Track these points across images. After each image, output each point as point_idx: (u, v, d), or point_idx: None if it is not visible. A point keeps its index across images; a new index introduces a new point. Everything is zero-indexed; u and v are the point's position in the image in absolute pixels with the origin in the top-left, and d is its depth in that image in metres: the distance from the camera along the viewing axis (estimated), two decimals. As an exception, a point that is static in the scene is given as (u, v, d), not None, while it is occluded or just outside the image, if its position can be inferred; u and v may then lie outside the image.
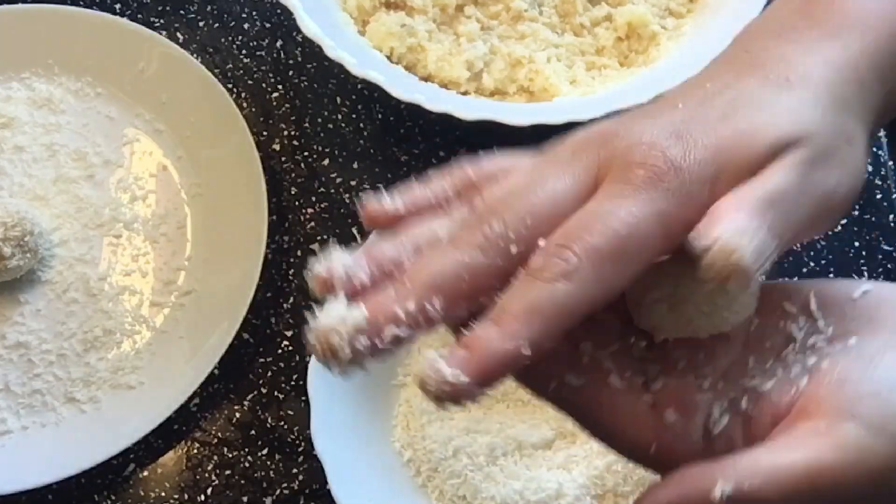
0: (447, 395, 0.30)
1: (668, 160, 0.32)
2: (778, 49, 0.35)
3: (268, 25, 0.74)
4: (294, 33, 0.72)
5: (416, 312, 0.31)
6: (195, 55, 0.70)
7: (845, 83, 0.34)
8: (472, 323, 0.31)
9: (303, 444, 0.62)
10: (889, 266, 0.67)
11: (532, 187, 0.33)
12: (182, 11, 0.74)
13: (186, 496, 0.61)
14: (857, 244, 0.67)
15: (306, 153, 0.70)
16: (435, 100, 0.60)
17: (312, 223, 0.68)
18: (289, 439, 0.62)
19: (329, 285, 0.32)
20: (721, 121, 0.33)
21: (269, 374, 0.64)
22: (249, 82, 0.72)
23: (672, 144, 0.32)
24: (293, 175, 0.69)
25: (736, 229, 0.30)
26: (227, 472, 0.61)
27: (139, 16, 0.74)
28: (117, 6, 0.74)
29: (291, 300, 0.66)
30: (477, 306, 0.32)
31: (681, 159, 0.32)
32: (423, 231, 0.34)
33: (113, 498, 0.61)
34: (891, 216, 0.68)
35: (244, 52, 0.73)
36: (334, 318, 0.30)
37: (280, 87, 0.72)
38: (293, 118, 0.71)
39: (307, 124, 0.71)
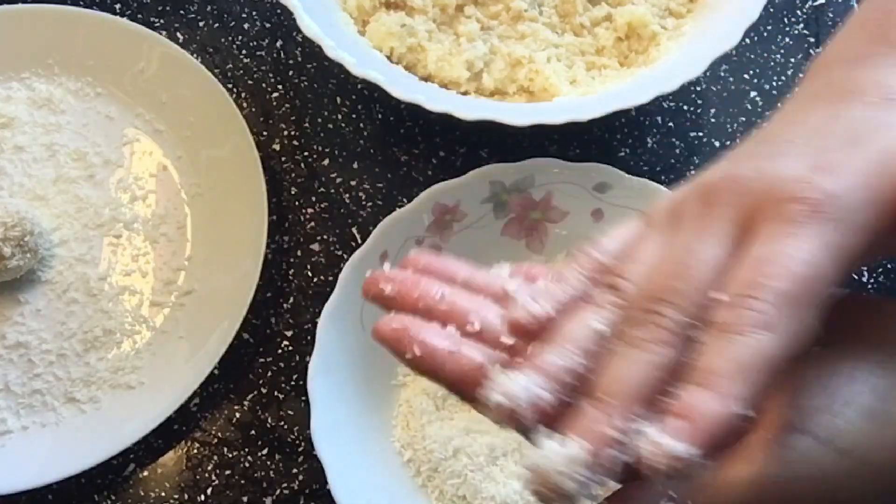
0: (676, 473, 0.27)
1: (822, 190, 0.30)
2: (864, 75, 0.34)
3: (268, 25, 0.74)
4: (294, 33, 0.72)
5: (628, 428, 0.29)
6: (195, 55, 0.70)
7: None
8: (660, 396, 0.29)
9: (303, 444, 0.62)
10: (889, 266, 0.67)
11: (684, 259, 0.31)
12: (182, 11, 0.74)
13: (186, 496, 0.61)
14: (857, 244, 0.67)
15: (306, 153, 0.70)
16: (435, 100, 0.60)
17: (312, 223, 0.68)
18: (289, 439, 0.62)
19: (515, 416, 0.31)
20: (854, 146, 0.31)
21: (269, 374, 0.64)
22: (249, 82, 0.72)
23: (818, 176, 0.30)
24: (293, 175, 0.69)
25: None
26: (227, 472, 0.61)
27: (139, 16, 0.74)
28: (117, 6, 0.74)
29: (291, 300, 0.66)
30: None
31: (834, 187, 0.30)
32: (581, 330, 0.32)
33: (113, 498, 0.61)
34: (891, 216, 0.68)
35: (244, 52, 0.73)
36: (555, 458, 0.28)
37: (280, 87, 0.72)
38: (293, 118, 0.71)
39: (307, 124, 0.71)
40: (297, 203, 0.68)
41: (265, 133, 0.70)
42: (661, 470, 0.28)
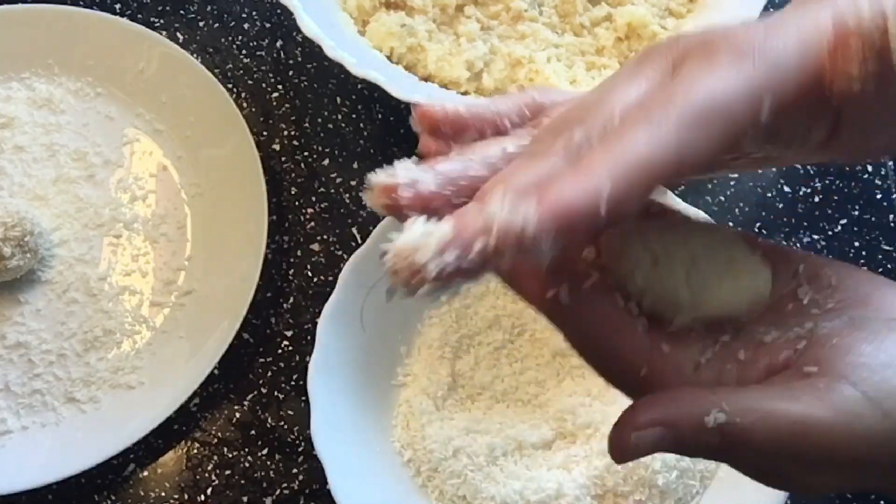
0: (508, 245, 0.26)
1: (750, 38, 0.30)
2: None
3: (268, 25, 0.74)
4: (294, 33, 0.72)
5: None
6: (195, 55, 0.70)
7: None
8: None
9: (303, 444, 0.62)
10: (889, 266, 0.67)
11: (605, 97, 0.30)
12: (182, 11, 0.74)
13: (186, 496, 0.61)
14: (857, 244, 0.67)
15: (306, 153, 0.70)
16: (435, 100, 0.60)
17: (312, 223, 0.68)
18: (289, 439, 0.62)
19: (393, 193, 0.29)
20: (799, 13, 0.31)
21: (269, 374, 0.64)
22: (249, 82, 0.72)
23: (755, 29, 0.30)
24: (293, 175, 0.69)
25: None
26: (227, 472, 0.61)
27: (139, 16, 0.74)
28: (117, 6, 0.74)
29: (291, 300, 0.66)
30: None
31: (763, 38, 0.30)
32: (489, 147, 0.31)
33: (113, 498, 0.61)
34: (891, 216, 0.68)
35: (244, 52, 0.73)
36: (416, 234, 0.26)
37: (280, 87, 0.72)
38: (293, 118, 0.71)
39: (307, 124, 0.71)
40: (297, 203, 0.68)
41: (265, 133, 0.70)
42: (493, 237, 0.26)
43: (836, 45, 0.29)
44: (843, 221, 0.67)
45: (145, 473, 0.61)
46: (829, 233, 0.67)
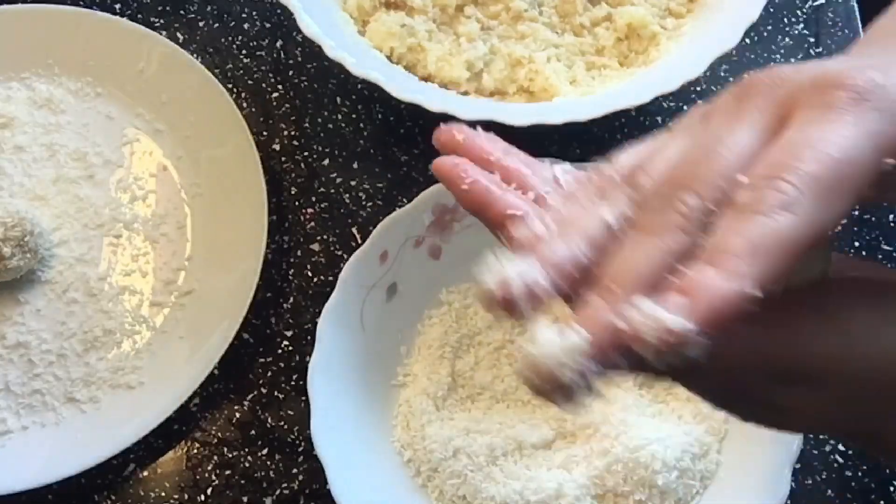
0: (669, 347, 0.25)
1: (868, 79, 0.28)
2: None
3: (268, 25, 0.74)
4: (294, 33, 0.72)
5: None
6: (195, 55, 0.70)
7: None
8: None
9: (303, 444, 0.62)
10: (889, 266, 0.67)
11: (711, 148, 0.28)
12: (182, 11, 0.74)
13: (186, 496, 0.61)
14: (857, 244, 0.67)
15: (306, 153, 0.70)
16: (435, 100, 0.60)
17: (312, 223, 0.68)
18: (289, 439, 0.62)
19: (507, 303, 0.28)
20: None
21: (269, 374, 0.64)
22: (249, 82, 0.72)
23: (865, 68, 0.28)
24: (293, 175, 0.69)
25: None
26: (227, 472, 0.61)
27: (139, 16, 0.74)
28: (117, 6, 0.74)
29: (291, 300, 0.66)
30: None
31: (883, 75, 0.28)
32: (590, 221, 0.30)
33: (113, 498, 0.61)
34: (891, 216, 0.68)
35: (244, 52, 0.73)
36: (552, 347, 0.26)
37: (280, 87, 0.72)
38: (293, 118, 0.71)
39: (307, 124, 0.71)
40: (297, 203, 0.68)
41: (265, 133, 0.70)
42: (652, 343, 0.25)
43: None
44: (843, 221, 0.67)
45: (145, 473, 0.61)
46: (829, 233, 0.67)
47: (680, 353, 0.25)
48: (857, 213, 0.68)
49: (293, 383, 0.63)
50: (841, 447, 0.60)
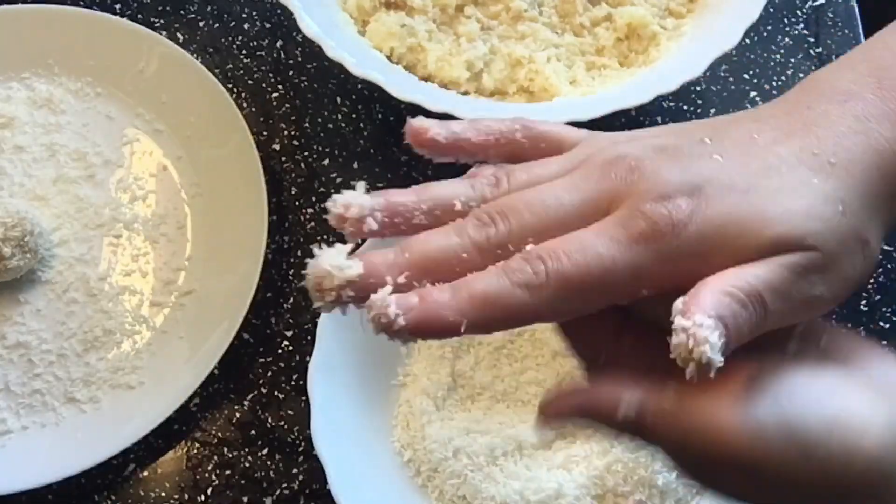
0: (380, 326, 0.32)
1: (672, 223, 0.32)
2: (837, 119, 0.35)
3: (268, 25, 0.74)
4: (294, 33, 0.72)
5: (402, 285, 0.33)
6: (195, 55, 0.70)
7: (884, 178, 0.34)
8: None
9: (303, 444, 0.62)
10: (889, 266, 0.67)
11: (546, 199, 0.34)
12: (182, 11, 0.74)
13: (186, 496, 0.61)
14: (857, 244, 0.67)
15: (306, 153, 0.70)
16: (435, 100, 0.60)
17: (312, 223, 0.68)
18: (289, 439, 0.62)
19: (342, 222, 0.35)
20: (743, 194, 0.33)
21: (269, 374, 0.64)
22: (249, 82, 0.72)
23: (684, 203, 0.33)
24: (293, 175, 0.69)
25: (708, 324, 0.30)
26: (227, 472, 0.61)
27: (139, 16, 0.74)
28: (117, 6, 0.74)
29: (291, 300, 0.66)
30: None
31: (683, 225, 0.32)
32: (444, 193, 0.36)
33: (113, 498, 0.61)
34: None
35: (244, 52, 0.73)
36: (332, 264, 0.33)
37: (280, 87, 0.72)
38: (293, 118, 0.71)
39: (307, 124, 0.71)
40: (297, 203, 0.68)
41: (265, 133, 0.70)
42: (372, 317, 0.33)
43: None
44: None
45: (145, 473, 0.61)
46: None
47: (384, 331, 0.32)
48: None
49: (293, 383, 0.63)
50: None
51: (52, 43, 0.70)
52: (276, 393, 0.63)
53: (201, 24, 0.74)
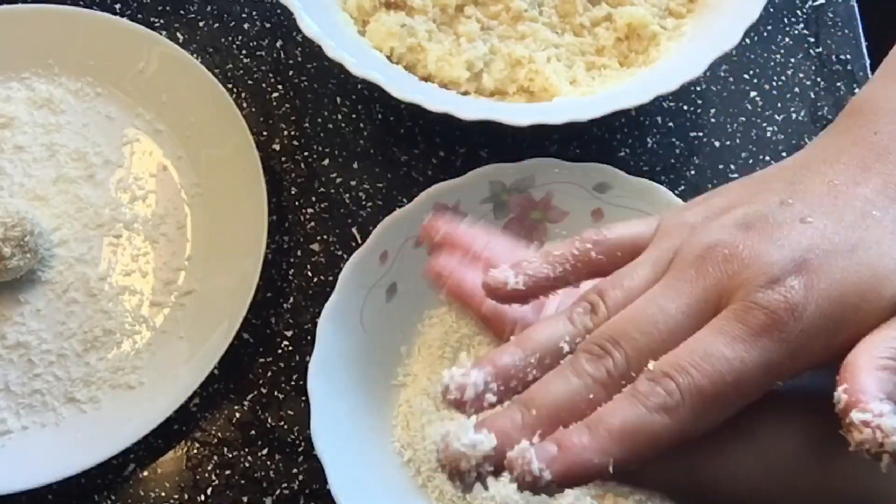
0: (525, 485, 0.31)
1: (789, 307, 0.31)
2: None
3: (268, 25, 0.74)
4: (294, 33, 0.72)
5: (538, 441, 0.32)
6: (195, 55, 0.70)
7: None
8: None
9: (303, 444, 0.62)
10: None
11: (652, 314, 0.33)
12: (182, 11, 0.74)
13: (186, 496, 0.61)
14: (857, 244, 0.67)
15: (306, 153, 0.70)
16: (435, 100, 0.60)
17: (312, 223, 0.68)
18: (289, 439, 0.62)
19: (460, 405, 0.34)
20: (849, 255, 0.32)
21: (269, 374, 0.64)
22: (249, 82, 0.72)
23: (796, 283, 0.31)
24: (293, 175, 0.69)
25: (887, 409, 0.29)
26: (227, 472, 0.61)
27: (139, 16, 0.74)
28: (117, 6, 0.74)
29: (291, 300, 0.66)
30: None
31: (802, 307, 0.31)
32: (548, 339, 0.35)
33: (113, 498, 0.61)
34: (891, 216, 0.68)
35: (244, 52, 0.73)
36: (464, 444, 0.32)
37: (280, 87, 0.72)
38: (293, 118, 0.71)
39: (307, 124, 0.71)
40: (297, 203, 0.68)
41: (265, 133, 0.70)
42: (516, 477, 0.31)
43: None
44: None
45: (145, 473, 0.61)
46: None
47: (531, 489, 0.31)
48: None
49: (293, 383, 0.63)
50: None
51: (52, 43, 0.70)
52: (276, 393, 0.63)
53: (201, 24, 0.74)
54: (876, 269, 0.32)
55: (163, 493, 0.61)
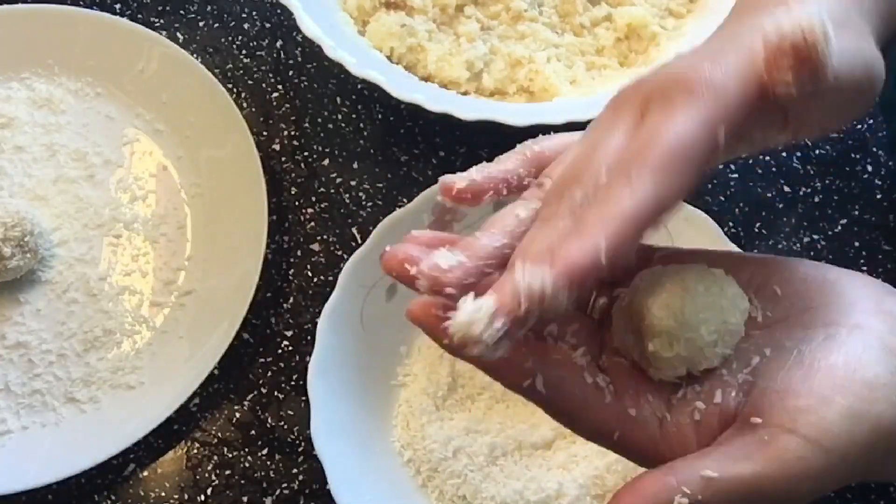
0: (542, 307, 0.31)
1: (699, 75, 0.34)
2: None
3: (268, 25, 0.74)
4: (294, 33, 0.72)
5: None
6: (195, 55, 0.70)
7: (842, 5, 0.37)
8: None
9: (303, 444, 0.62)
10: (889, 266, 0.67)
11: (593, 151, 0.35)
12: (182, 11, 0.74)
13: (186, 496, 0.61)
14: (857, 244, 0.67)
15: (306, 153, 0.70)
16: (435, 100, 0.60)
17: (312, 223, 0.68)
18: (289, 439, 0.62)
19: (439, 284, 0.34)
20: (734, 39, 0.35)
21: (269, 374, 0.64)
22: (249, 82, 0.72)
23: (700, 64, 0.34)
24: (293, 175, 0.69)
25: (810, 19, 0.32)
26: (227, 472, 0.61)
27: (139, 16, 0.74)
28: (117, 6, 0.74)
29: (291, 300, 0.66)
30: None
31: (710, 72, 0.34)
32: (507, 217, 0.36)
33: (113, 498, 0.61)
34: (891, 216, 0.68)
35: (244, 52, 0.73)
36: (468, 311, 0.32)
37: (280, 87, 0.72)
38: (293, 118, 0.71)
39: (307, 124, 0.71)
40: (297, 203, 0.68)
41: (265, 133, 0.70)
42: (527, 307, 0.31)
43: (769, 60, 0.34)
44: (843, 221, 0.67)
45: (145, 473, 0.61)
46: (829, 233, 0.67)
47: (549, 306, 0.31)
48: (857, 212, 0.68)
49: (293, 383, 0.63)
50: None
51: (52, 43, 0.70)
52: (276, 393, 0.63)
53: (201, 24, 0.74)
54: (765, 24, 0.35)
55: (163, 493, 0.61)
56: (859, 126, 0.70)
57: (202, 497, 0.61)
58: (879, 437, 0.33)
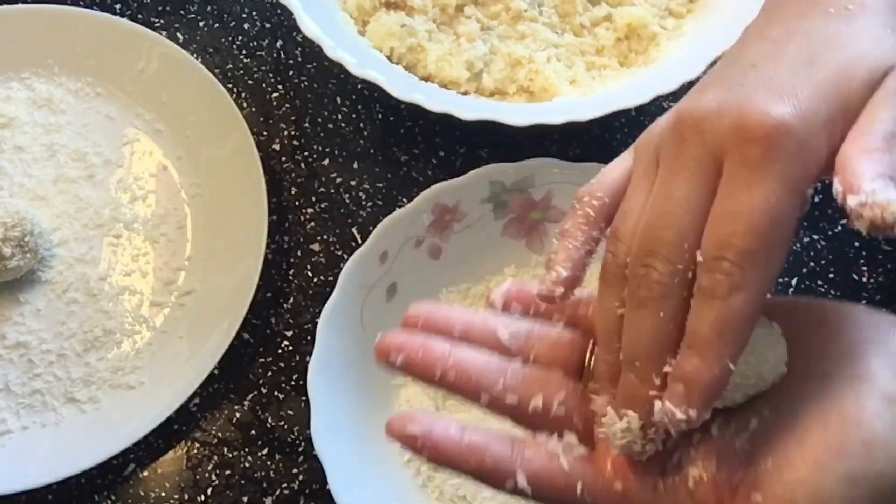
0: (684, 428, 0.33)
1: (778, 125, 0.32)
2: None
3: (268, 25, 0.74)
4: (294, 33, 0.72)
5: (661, 383, 0.33)
6: (195, 55, 0.70)
7: None
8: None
9: (303, 444, 0.62)
10: (889, 266, 0.67)
11: (664, 207, 0.33)
12: (182, 11, 0.74)
13: (186, 496, 0.61)
14: (857, 244, 0.67)
15: (306, 153, 0.70)
16: (435, 100, 0.60)
17: (312, 223, 0.68)
18: (289, 439, 0.62)
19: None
20: (809, 66, 0.33)
21: (269, 374, 0.64)
22: (249, 82, 0.72)
23: (775, 106, 0.32)
24: (293, 175, 0.69)
25: (879, 185, 0.30)
26: (227, 472, 0.61)
27: (139, 16, 0.74)
28: (117, 6, 0.74)
29: (291, 300, 0.66)
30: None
31: (790, 118, 0.32)
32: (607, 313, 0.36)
33: (113, 498, 0.61)
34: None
35: (244, 52, 0.73)
36: (619, 433, 0.34)
37: (280, 87, 0.72)
38: (293, 118, 0.71)
39: (307, 124, 0.71)
40: (297, 203, 0.68)
41: (265, 133, 0.70)
42: (674, 431, 0.33)
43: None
44: (843, 221, 0.67)
45: (145, 473, 0.61)
46: (829, 233, 0.67)
47: (694, 426, 0.33)
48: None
49: (293, 383, 0.63)
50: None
51: (52, 43, 0.70)
52: (276, 393, 0.63)
53: (201, 24, 0.74)
54: (838, 61, 0.33)
55: (163, 493, 0.61)
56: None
57: (202, 497, 0.61)
58: (882, 496, 0.32)
